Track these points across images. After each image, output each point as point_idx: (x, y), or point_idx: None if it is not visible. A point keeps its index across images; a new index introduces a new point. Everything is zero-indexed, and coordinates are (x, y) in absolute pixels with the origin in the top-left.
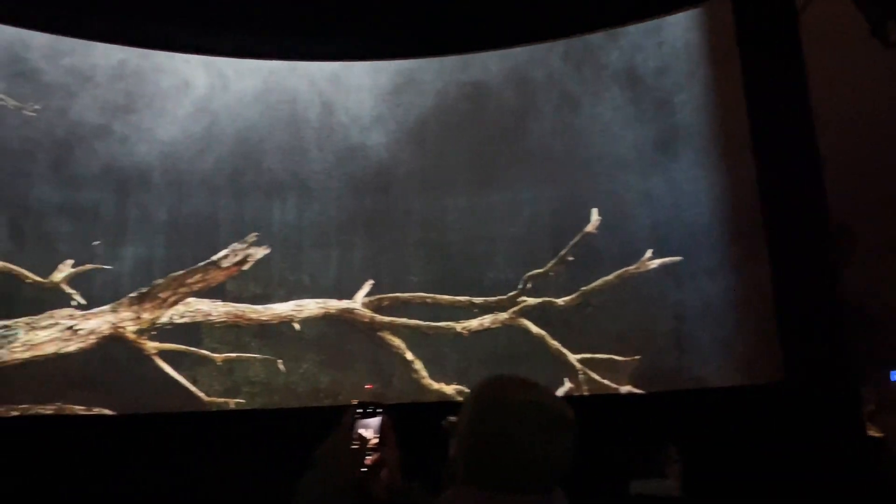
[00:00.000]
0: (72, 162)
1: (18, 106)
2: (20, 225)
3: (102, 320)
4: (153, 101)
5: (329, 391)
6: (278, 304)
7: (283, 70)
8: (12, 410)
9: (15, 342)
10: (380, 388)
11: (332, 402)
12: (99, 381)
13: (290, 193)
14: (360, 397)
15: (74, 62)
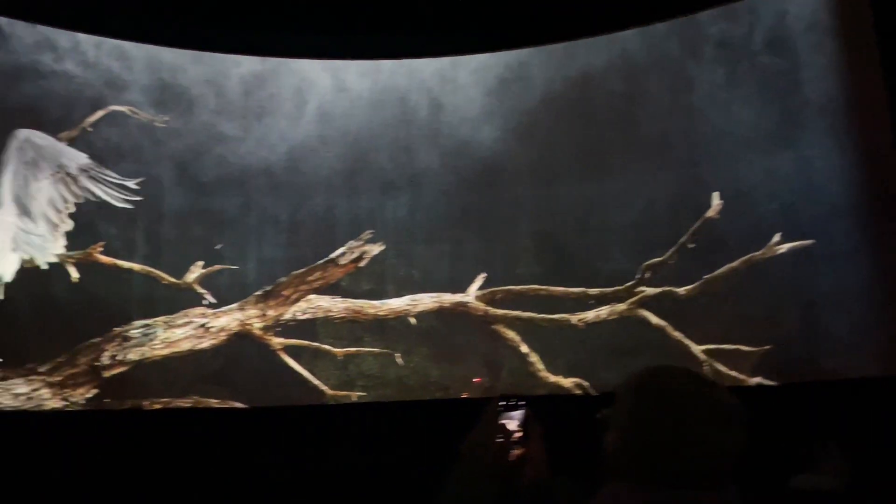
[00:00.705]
0: (200, 168)
1: (150, 118)
2: (156, 230)
3: (231, 318)
4: (275, 106)
5: (439, 384)
6: (394, 300)
7: (392, 69)
8: (155, 403)
9: (155, 340)
10: (489, 382)
11: (442, 395)
12: (230, 375)
13: (402, 191)
14: (470, 391)
15: (199, 72)
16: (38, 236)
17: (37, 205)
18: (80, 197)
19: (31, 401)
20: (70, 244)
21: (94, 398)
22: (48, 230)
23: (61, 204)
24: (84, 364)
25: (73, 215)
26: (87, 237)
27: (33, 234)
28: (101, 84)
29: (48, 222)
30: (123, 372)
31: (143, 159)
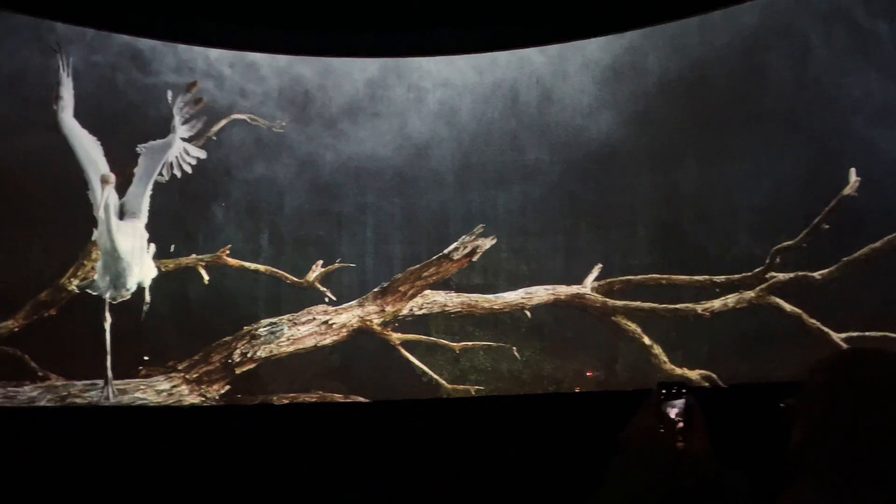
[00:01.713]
0: (318, 169)
1: (268, 124)
2: (279, 231)
3: (352, 314)
4: (388, 106)
5: (552, 378)
6: (508, 293)
7: (503, 62)
8: (283, 398)
9: (281, 337)
10: (602, 375)
11: (555, 388)
12: (351, 370)
13: (514, 184)
14: (583, 385)
15: (316, 76)
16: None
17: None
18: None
19: (171, 397)
20: (200, 248)
21: (228, 393)
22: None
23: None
24: (217, 361)
25: (201, 220)
26: (216, 241)
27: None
28: (224, 94)
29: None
30: (253, 368)
31: (265, 164)
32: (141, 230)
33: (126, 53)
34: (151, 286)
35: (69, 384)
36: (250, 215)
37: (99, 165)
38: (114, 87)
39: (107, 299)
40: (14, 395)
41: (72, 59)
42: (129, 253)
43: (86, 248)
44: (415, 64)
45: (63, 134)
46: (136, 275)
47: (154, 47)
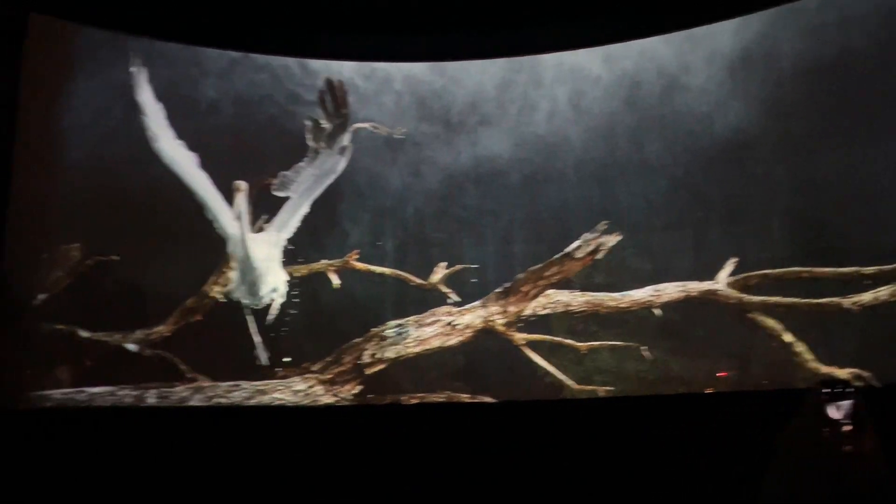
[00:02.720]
0: (440, 171)
1: (389, 130)
2: (403, 234)
3: (475, 315)
4: (507, 103)
5: (681, 378)
6: (635, 291)
7: (623, 52)
8: (412, 398)
9: (408, 338)
10: (736, 375)
11: (685, 389)
12: (476, 370)
13: (637, 177)
14: (715, 385)
15: (437, 80)
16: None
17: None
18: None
19: (307, 397)
20: (330, 254)
21: (360, 394)
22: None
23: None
24: (349, 362)
25: (330, 226)
26: (344, 246)
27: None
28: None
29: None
30: (383, 369)
31: (388, 169)
32: (276, 240)
33: (257, 70)
34: (286, 291)
35: (215, 385)
36: (376, 220)
37: (206, 184)
38: (248, 104)
39: (246, 305)
40: (167, 396)
41: (144, 84)
42: (263, 261)
43: (225, 256)
44: (534, 61)
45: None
46: (269, 283)
47: (286, 64)
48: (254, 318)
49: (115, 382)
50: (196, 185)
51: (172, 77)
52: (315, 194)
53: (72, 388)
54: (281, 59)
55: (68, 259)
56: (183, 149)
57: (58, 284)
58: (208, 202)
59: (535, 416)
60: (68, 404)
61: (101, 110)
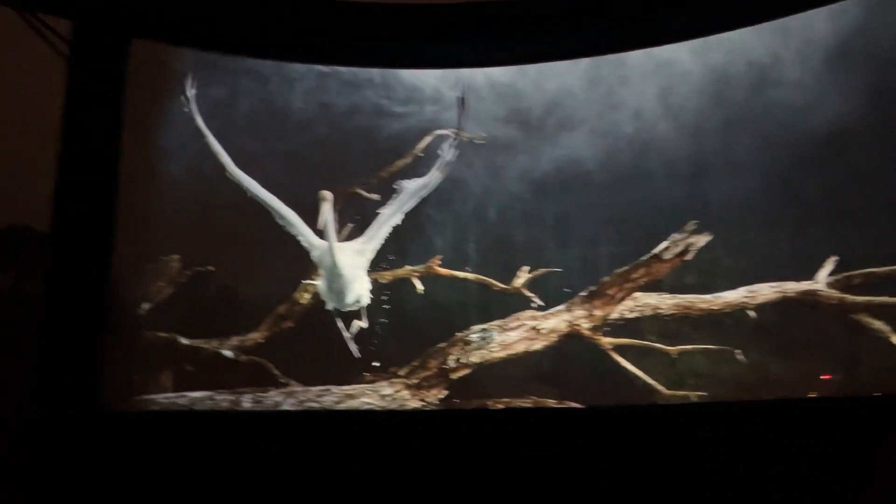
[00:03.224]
0: (522, 174)
1: (470, 136)
2: (485, 239)
3: (560, 319)
4: (592, 102)
5: (781, 382)
6: (728, 292)
7: (712, 45)
8: (497, 403)
9: (492, 343)
10: (841, 379)
11: (785, 394)
12: (562, 375)
13: (727, 174)
14: (818, 389)
15: (517, 78)
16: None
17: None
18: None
19: (395, 401)
20: (413, 260)
21: (446, 398)
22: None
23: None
24: (434, 367)
25: (413, 232)
26: (427, 252)
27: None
28: (428, 108)
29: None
30: (468, 374)
31: (469, 174)
32: (362, 249)
33: (343, 83)
34: (371, 298)
35: (306, 390)
36: (458, 225)
37: (279, 204)
38: (335, 116)
39: (335, 310)
40: (261, 400)
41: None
42: (349, 270)
43: (313, 265)
44: (619, 59)
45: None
46: (355, 291)
47: (370, 77)
48: (343, 322)
49: (214, 387)
50: (275, 204)
51: (262, 93)
52: (407, 207)
53: (174, 392)
54: (366, 72)
55: (169, 270)
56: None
57: (160, 294)
58: (290, 218)
59: (624, 422)
60: (171, 408)
61: (199, 126)
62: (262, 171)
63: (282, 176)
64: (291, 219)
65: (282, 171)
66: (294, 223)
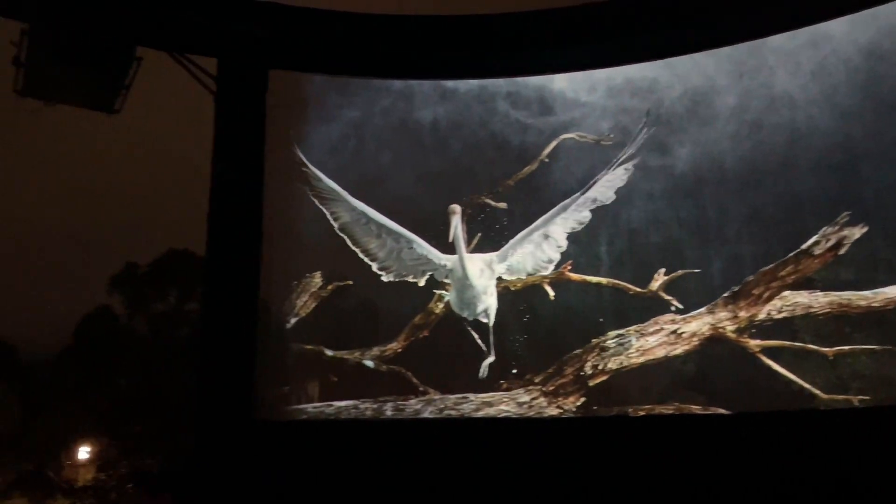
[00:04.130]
0: (654, 175)
1: (596, 138)
2: (616, 243)
3: (702, 322)
4: (725, 95)
5: None
6: (890, 288)
7: (839, 31)
8: (639, 410)
9: (630, 348)
10: None
11: None
12: (706, 380)
13: (881, 161)
14: None
15: (649, 78)
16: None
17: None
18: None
19: (531, 409)
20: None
21: (584, 405)
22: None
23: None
24: (570, 374)
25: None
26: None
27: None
28: (554, 116)
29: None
30: (606, 380)
31: (595, 178)
32: (491, 260)
33: (469, 95)
34: (502, 305)
35: (444, 398)
36: (590, 230)
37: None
38: (461, 128)
39: (467, 318)
40: (403, 408)
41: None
42: (479, 280)
43: (445, 275)
44: (757, 48)
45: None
46: (484, 301)
47: (496, 89)
48: (471, 332)
49: (357, 396)
50: (397, 228)
51: (391, 110)
52: (543, 230)
53: (321, 402)
54: (492, 83)
55: (312, 285)
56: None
57: (305, 309)
58: (412, 238)
59: (776, 428)
60: (319, 417)
61: (335, 146)
62: (395, 185)
63: (413, 189)
64: (413, 238)
65: (413, 185)
66: (417, 242)
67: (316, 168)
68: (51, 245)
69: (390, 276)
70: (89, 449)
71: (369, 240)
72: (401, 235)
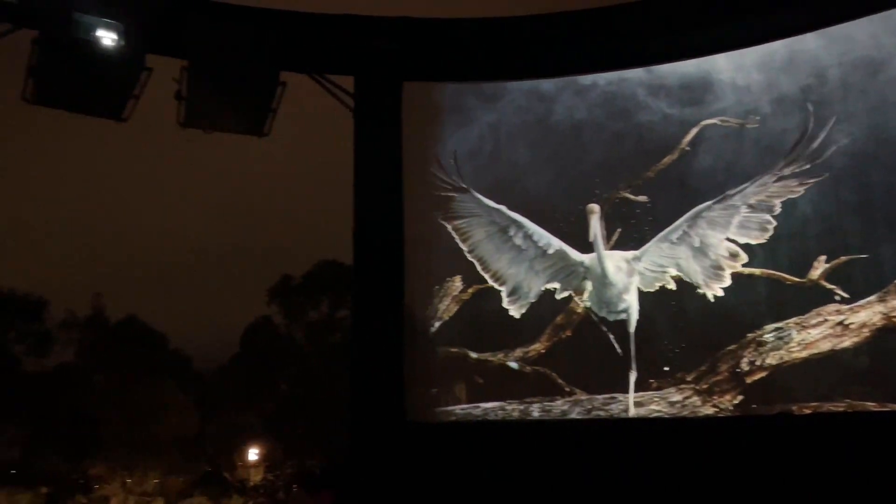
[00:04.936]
0: (815, 153)
1: (741, 121)
2: (768, 230)
3: (872, 311)
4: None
5: None
6: None
7: None
8: (804, 408)
9: (790, 342)
10: None
11: None
12: (881, 375)
13: None
14: None
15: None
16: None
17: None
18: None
19: (685, 408)
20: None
21: (741, 404)
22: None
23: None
24: (725, 371)
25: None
26: None
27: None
28: (694, 103)
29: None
30: (764, 377)
31: (750, 162)
32: (632, 257)
33: (604, 91)
34: (649, 301)
35: (592, 398)
36: (744, 221)
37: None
38: (595, 124)
39: (603, 318)
40: (549, 409)
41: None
42: (618, 278)
43: (584, 274)
44: None
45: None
46: (624, 300)
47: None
48: (613, 331)
49: (503, 398)
50: (532, 226)
51: (527, 109)
52: (690, 229)
53: (468, 403)
54: (629, 73)
55: (453, 289)
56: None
57: (447, 312)
58: (549, 240)
59: None
60: (467, 418)
61: (472, 150)
62: (532, 185)
63: (550, 188)
64: (550, 238)
65: (550, 183)
66: (555, 241)
67: (452, 174)
68: (213, 261)
69: (520, 305)
70: (258, 451)
71: (500, 257)
72: (538, 236)
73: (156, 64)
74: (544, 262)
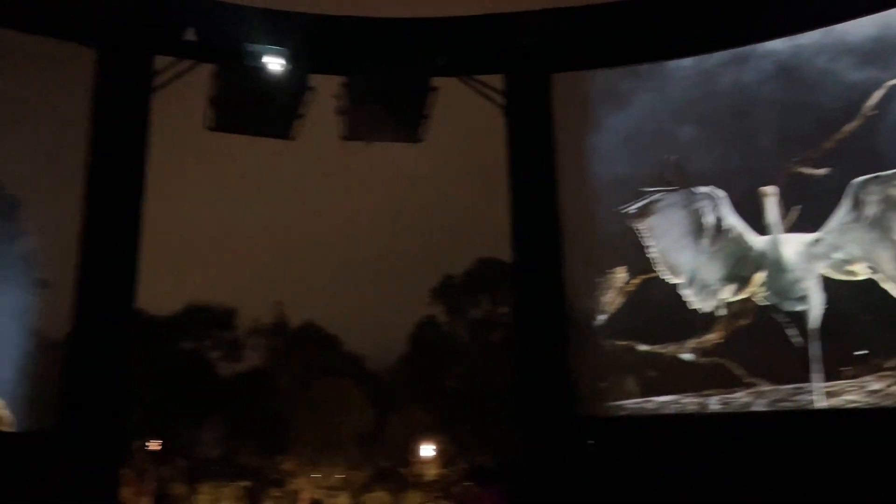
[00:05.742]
0: None
1: None
2: None
3: None
4: None
5: None
6: None
7: None
8: None
9: None
10: None
11: None
12: None
13: None
14: None
15: None
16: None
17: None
18: None
19: (887, 397)
20: None
21: None
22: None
23: None
24: None
25: None
26: None
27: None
28: (874, 64)
29: None
30: None
31: None
32: (813, 241)
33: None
34: (838, 283)
35: (776, 388)
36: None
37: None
38: (763, 93)
39: (778, 306)
40: (729, 402)
41: None
42: (795, 263)
43: (758, 259)
44: None
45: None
46: (803, 287)
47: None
48: (795, 318)
49: (678, 391)
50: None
51: (684, 84)
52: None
53: (640, 398)
54: (803, 38)
55: (616, 281)
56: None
57: (612, 304)
58: (732, 221)
59: None
60: (640, 412)
61: (629, 135)
62: (706, 159)
63: (717, 167)
64: (734, 223)
65: (716, 162)
66: (737, 226)
67: (612, 160)
68: (376, 266)
69: (699, 295)
70: (432, 447)
71: (681, 244)
72: (722, 216)
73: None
74: (721, 246)
